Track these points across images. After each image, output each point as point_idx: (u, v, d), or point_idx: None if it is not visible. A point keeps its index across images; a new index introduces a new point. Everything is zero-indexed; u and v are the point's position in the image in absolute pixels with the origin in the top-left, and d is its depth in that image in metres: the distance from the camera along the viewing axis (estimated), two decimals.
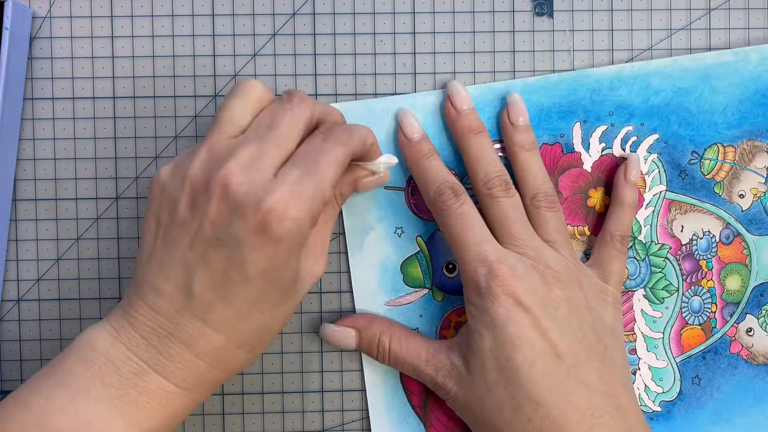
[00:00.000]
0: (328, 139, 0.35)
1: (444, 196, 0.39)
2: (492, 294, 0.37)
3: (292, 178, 0.33)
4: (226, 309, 0.33)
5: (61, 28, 0.42)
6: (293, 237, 0.32)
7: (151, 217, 0.34)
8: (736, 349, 0.44)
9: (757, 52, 0.43)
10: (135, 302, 0.34)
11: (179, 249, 0.33)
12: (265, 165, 0.33)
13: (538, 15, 0.43)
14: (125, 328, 0.34)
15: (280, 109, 0.35)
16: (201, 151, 0.34)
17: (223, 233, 0.32)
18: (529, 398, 0.36)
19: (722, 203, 0.44)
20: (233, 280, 0.33)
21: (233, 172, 0.32)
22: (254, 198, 0.32)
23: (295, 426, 0.43)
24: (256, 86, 0.35)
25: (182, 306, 0.33)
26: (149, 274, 0.34)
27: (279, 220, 0.32)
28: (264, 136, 0.34)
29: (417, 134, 0.41)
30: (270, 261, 0.32)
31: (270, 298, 0.34)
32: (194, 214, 0.33)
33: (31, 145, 0.42)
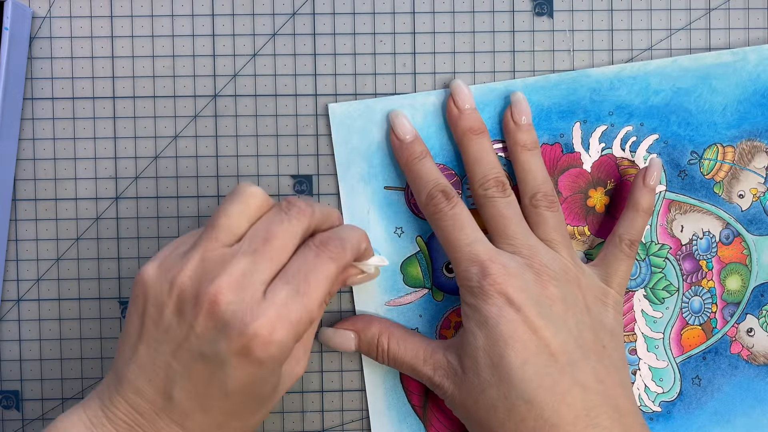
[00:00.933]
0: (321, 253, 0.34)
1: (435, 199, 0.39)
2: (484, 293, 0.37)
3: (280, 299, 0.32)
4: (204, 418, 0.33)
5: (61, 28, 0.42)
6: (276, 359, 0.33)
7: (135, 313, 0.34)
8: (737, 350, 0.44)
9: (756, 53, 0.43)
10: (114, 398, 0.33)
11: (162, 354, 0.33)
12: (256, 281, 0.32)
13: (538, 15, 0.43)
14: (102, 422, 0.33)
15: (276, 221, 0.34)
16: (193, 258, 0.33)
17: (207, 349, 0.32)
18: (522, 397, 0.36)
19: (722, 203, 0.44)
20: (213, 394, 0.33)
21: (223, 290, 0.32)
22: (241, 321, 0.31)
23: (295, 426, 0.43)
24: (257, 194, 0.34)
25: (161, 409, 0.33)
26: (130, 373, 0.33)
27: (263, 345, 0.32)
28: (258, 249, 0.33)
29: (409, 135, 0.41)
30: (251, 379, 0.33)
31: (247, 409, 0.34)
32: (180, 323, 0.32)
33: (31, 145, 0.42)
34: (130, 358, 0.33)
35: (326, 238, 0.35)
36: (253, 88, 0.42)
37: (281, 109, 0.42)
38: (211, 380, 0.33)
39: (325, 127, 0.43)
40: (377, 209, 0.43)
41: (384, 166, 0.42)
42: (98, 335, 0.43)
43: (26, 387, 0.43)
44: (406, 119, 0.41)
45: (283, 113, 0.42)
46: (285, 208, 0.35)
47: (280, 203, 0.35)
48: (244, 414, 0.34)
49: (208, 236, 0.34)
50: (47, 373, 0.43)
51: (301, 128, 0.43)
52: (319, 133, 0.43)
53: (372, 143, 0.42)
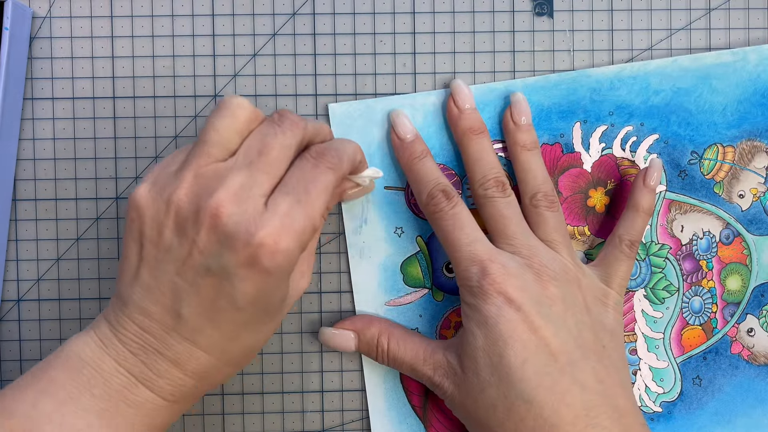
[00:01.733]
0: (319, 164, 0.34)
1: (436, 199, 0.39)
2: (483, 292, 0.37)
3: (283, 209, 0.32)
4: (215, 332, 0.33)
5: (61, 28, 0.42)
6: (283, 269, 0.32)
7: (132, 238, 0.33)
8: (737, 350, 0.44)
9: (756, 53, 0.43)
10: (122, 319, 0.33)
11: (166, 273, 0.33)
12: (255, 194, 0.32)
13: (538, 15, 0.43)
14: (113, 342, 0.33)
15: (270, 134, 0.34)
16: (187, 175, 0.33)
17: (212, 263, 0.32)
18: (521, 397, 0.36)
19: (722, 203, 0.44)
20: (222, 308, 0.33)
21: (223, 203, 0.32)
22: (245, 231, 0.31)
23: (295, 426, 0.43)
24: (244, 106, 0.34)
25: (171, 327, 0.33)
26: (135, 295, 0.33)
27: (270, 254, 0.31)
28: (254, 162, 0.33)
29: (410, 135, 0.41)
30: (259, 290, 0.33)
31: (258, 321, 0.34)
32: (181, 241, 0.32)
33: (31, 145, 0.42)
34: (134, 281, 0.33)
35: (323, 149, 0.35)
36: (253, 88, 0.42)
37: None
38: (219, 294, 0.32)
39: None
40: (377, 209, 0.43)
41: (384, 166, 0.42)
42: None
43: None
44: (406, 118, 0.41)
45: None
46: (277, 120, 0.34)
47: (271, 116, 0.35)
48: (254, 326, 0.34)
49: (199, 152, 0.33)
50: None
51: None
52: None
53: (372, 143, 0.42)
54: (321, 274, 0.43)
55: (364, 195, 0.42)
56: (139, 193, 0.33)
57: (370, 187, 0.40)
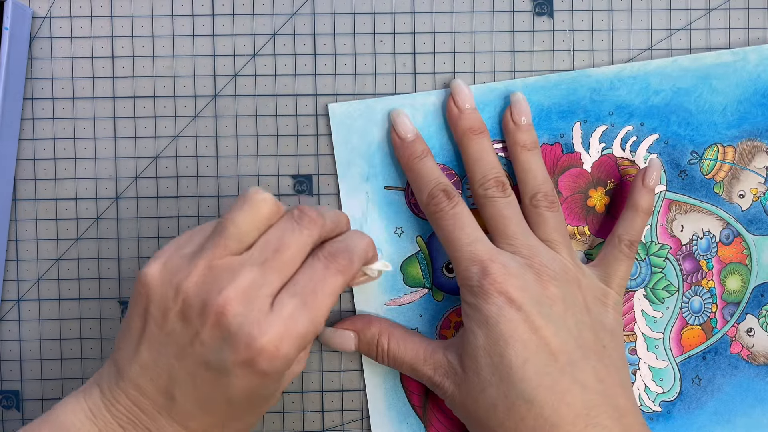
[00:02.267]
0: (330, 266, 0.34)
1: (436, 199, 0.39)
2: (484, 292, 0.37)
3: (287, 311, 0.32)
4: (206, 418, 0.34)
5: (61, 28, 0.42)
6: (281, 371, 0.33)
7: (137, 313, 0.34)
8: (737, 350, 0.44)
9: (756, 53, 0.43)
10: (115, 391, 0.33)
11: (165, 356, 0.33)
12: (263, 293, 0.32)
13: (538, 15, 0.43)
14: (102, 413, 0.33)
15: (288, 231, 0.34)
16: (199, 265, 0.33)
17: (212, 357, 0.32)
18: (522, 396, 0.36)
19: (722, 203, 0.44)
20: (215, 400, 0.33)
21: (231, 301, 0.32)
22: (248, 334, 0.31)
23: (295, 426, 0.43)
24: (268, 202, 0.34)
25: (163, 407, 0.33)
26: (132, 370, 0.33)
27: (269, 359, 0.32)
28: (268, 260, 0.33)
29: (410, 134, 0.41)
30: (254, 388, 0.33)
31: (249, 411, 0.35)
32: (185, 329, 0.32)
33: (31, 145, 0.42)
34: (132, 357, 0.33)
35: (335, 250, 0.35)
36: (253, 88, 0.42)
37: (281, 109, 0.42)
38: (214, 387, 0.33)
39: (325, 127, 0.43)
40: (377, 209, 0.43)
41: (384, 166, 0.42)
42: (98, 335, 0.43)
43: (26, 387, 0.43)
44: (407, 118, 0.41)
45: (283, 113, 0.42)
46: (297, 217, 0.34)
47: (291, 212, 0.34)
48: (244, 416, 0.35)
49: (215, 243, 0.33)
50: (47, 373, 0.43)
51: (301, 128, 0.43)
52: (319, 133, 0.43)
53: (372, 143, 0.42)
54: None
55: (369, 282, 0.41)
56: (149, 272, 0.33)
57: (377, 276, 0.40)
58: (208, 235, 0.34)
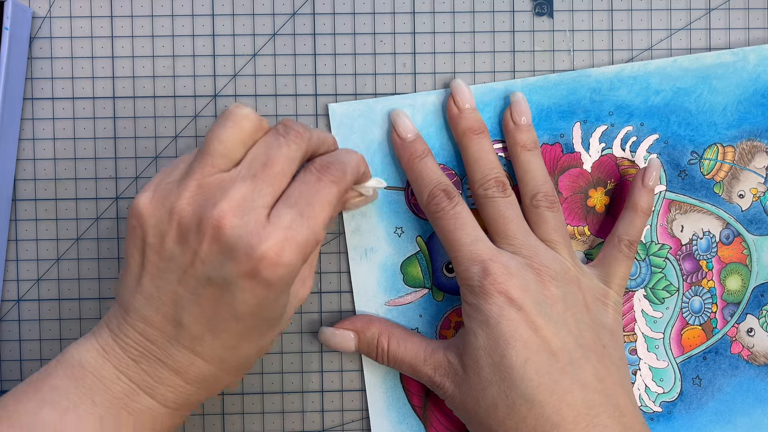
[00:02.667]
0: (323, 177, 0.34)
1: (437, 199, 0.39)
2: (485, 292, 0.37)
3: (285, 221, 0.32)
4: (216, 341, 0.33)
5: (61, 28, 0.42)
6: (285, 281, 0.32)
7: (134, 245, 0.34)
8: (737, 350, 0.44)
9: (756, 53, 0.43)
10: (123, 326, 0.33)
11: (168, 283, 0.33)
12: (258, 205, 0.32)
13: (538, 15, 0.43)
14: (114, 350, 0.33)
15: (275, 145, 0.34)
16: (189, 185, 0.33)
17: (213, 273, 0.32)
18: (523, 396, 0.36)
19: (722, 203, 0.44)
20: (223, 318, 0.33)
21: (226, 214, 0.31)
22: (247, 243, 0.31)
23: (295, 426, 0.43)
24: (250, 117, 0.34)
25: (171, 336, 0.33)
26: (136, 302, 0.33)
27: (271, 267, 0.31)
28: (258, 173, 0.33)
29: (410, 134, 0.41)
30: (260, 301, 0.33)
31: (257, 331, 0.34)
32: (184, 250, 0.32)
33: (31, 145, 0.42)
34: (135, 289, 0.33)
35: (326, 162, 0.35)
36: (253, 88, 0.42)
37: (281, 109, 0.42)
38: (219, 304, 0.32)
39: (325, 127, 0.43)
40: (377, 209, 0.43)
41: (384, 166, 0.42)
42: None
43: None
44: (407, 118, 0.41)
45: (283, 113, 0.42)
46: (282, 131, 0.34)
47: (276, 126, 0.34)
48: (254, 336, 0.34)
49: (202, 162, 0.33)
50: None
51: None
52: None
53: (372, 143, 0.42)
54: (321, 274, 0.43)
55: (366, 204, 0.42)
56: (140, 201, 0.33)
57: (374, 196, 0.40)
58: (194, 157, 0.34)
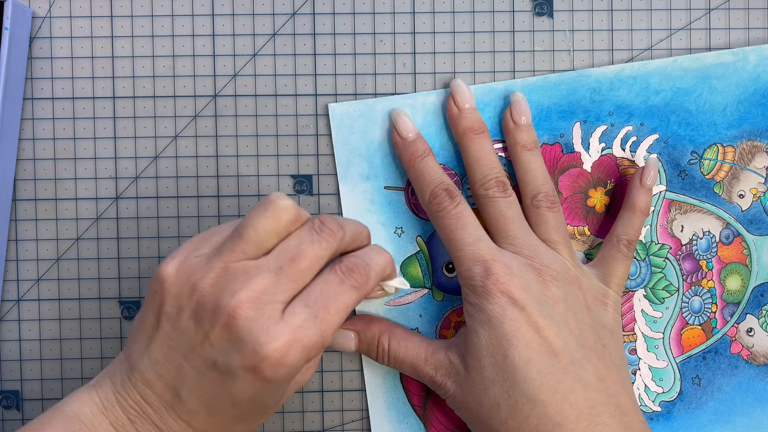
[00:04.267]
0: (345, 281, 0.34)
1: (439, 198, 0.39)
2: (487, 292, 0.37)
3: (298, 321, 0.32)
4: (210, 419, 0.34)
5: (61, 28, 0.42)
6: (285, 379, 0.33)
7: (151, 308, 0.34)
8: (737, 350, 0.44)
9: (756, 53, 0.43)
10: (125, 384, 0.34)
11: (175, 354, 0.33)
12: (276, 300, 0.32)
13: (538, 15, 0.43)
14: (113, 406, 0.34)
15: (307, 241, 0.33)
16: (216, 266, 0.33)
17: (219, 359, 0.32)
18: (525, 396, 0.36)
19: (722, 203, 0.44)
20: (220, 401, 0.33)
21: (243, 304, 0.32)
22: (256, 340, 0.31)
23: (295, 426, 0.43)
24: (289, 210, 0.34)
25: (169, 404, 0.33)
26: (142, 364, 0.33)
27: (273, 366, 0.32)
28: (284, 268, 0.33)
29: (411, 134, 0.41)
30: (258, 393, 0.33)
31: (252, 415, 0.35)
32: (197, 329, 0.33)
33: (31, 145, 0.42)
34: (144, 351, 0.34)
35: (353, 265, 0.34)
36: (253, 88, 0.42)
37: (281, 109, 0.42)
38: (219, 388, 0.33)
39: (325, 127, 0.43)
40: (377, 209, 0.43)
41: (384, 166, 0.42)
42: (98, 335, 0.43)
43: (26, 387, 0.43)
44: (408, 118, 0.41)
45: (283, 113, 0.42)
46: (317, 228, 0.34)
47: (312, 221, 0.34)
48: (248, 418, 0.35)
49: (233, 247, 0.33)
50: (47, 373, 0.43)
51: (301, 128, 0.43)
52: (319, 133, 0.43)
53: (372, 143, 0.42)
54: None
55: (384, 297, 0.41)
56: (166, 270, 0.33)
57: (394, 293, 0.40)
58: (227, 237, 0.34)
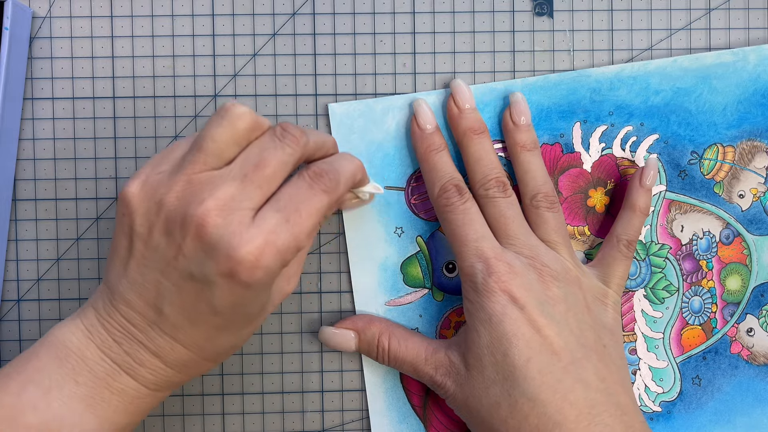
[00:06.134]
0: (314, 185, 0.34)
1: (448, 193, 0.39)
2: (488, 290, 0.37)
3: (269, 226, 0.32)
4: (194, 331, 0.34)
5: (61, 28, 0.42)
6: (262, 283, 0.32)
7: (121, 231, 0.34)
8: (737, 350, 0.44)
9: (756, 53, 0.43)
10: (108, 308, 0.34)
11: (152, 271, 0.33)
12: (244, 206, 0.32)
13: (538, 15, 0.43)
14: (98, 331, 0.34)
15: (270, 147, 0.33)
16: (179, 180, 0.33)
17: (195, 269, 0.32)
18: (525, 395, 0.36)
19: (722, 203, 0.44)
20: (202, 311, 0.33)
21: (210, 212, 0.31)
22: (228, 245, 0.31)
23: (295, 426, 0.43)
24: (244, 117, 0.33)
25: (153, 321, 0.34)
26: (121, 286, 0.34)
27: (249, 270, 0.31)
28: (249, 174, 0.33)
29: (430, 125, 0.41)
30: (237, 300, 0.33)
31: (236, 325, 0.35)
32: (169, 243, 0.32)
33: (31, 145, 0.42)
34: (122, 274, 0.34)
35: (321, 170, 0.34)
36: (253, 88, 0.42)
37: (281, 109, 0.42)
38: (199, 298, 0.33)
39: (325, 127, 0.43)
40: (377, 209, 0.43)
41: (384, 166, 0.42)
42: None
43: None
44: (429, 109, 0.41)
45: (283, 113, 0.42)
46: (279, 134, 0.34)
47: (274, 128, 0.34)
48: (232, 329, 0.35)
49: (194, 159, 0.33)
50: None
51: None
52: None
53: (372, 143, 0.42)
54: (321, 274, 0.43)
55: (361, 206, 0.42)
56: (130, 190, 0.33)
57: (369, 199, 0.40)
58: (186, 152, 0.34)
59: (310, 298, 0.43)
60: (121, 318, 0.34)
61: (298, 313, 0.43)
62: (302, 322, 0.43)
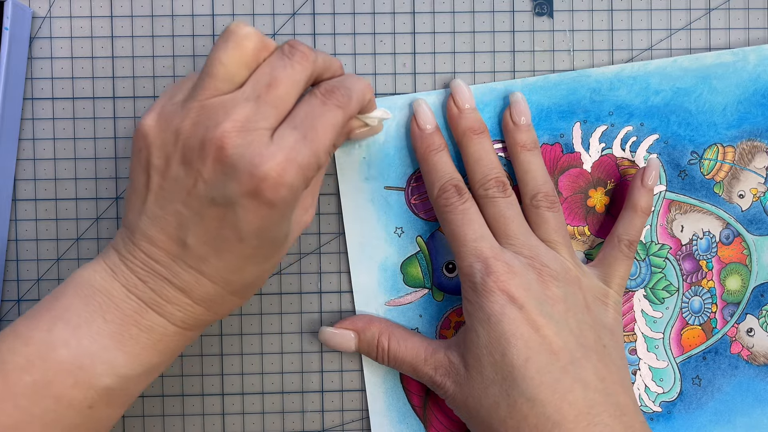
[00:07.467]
0: (328, 101, 0.34)
1: (447, 193, 0.39)
2: (487, 290, 0.37)
3: (289, 143, 0.32)
4: (220, 262, 0.34)
5: (61, 28, 0.42)
6: (287, 202, 0.32)
7: (139, 166, 0.34)
8: (737, 350, 0.44)
9: (756, 53, 0.43)
10: (130, 247, 0.34)
11: (172, 204, 0.33)
12: (261, 126, 0.32)
13: (538, 15, 0.43)
14: (122, 270, 0.34)
15: (280, 66, 0.33)
16: (193, 106, 0.33)
17: (217, 194, 0.32)
18: (524, 395, 0.36)
19: (722, 203, 0.44)
20: (226, 238, 0.33)
21: (229, 134, 0.31)
22: (250, 163, 0.31)
23: (295, 426, 0.43)
24: (252, 37, 0.33)
25: (176, 255, 0.33)
26: (142, 223, 0.33)
27: (274, 187, 0.31)
28: (262, 95, 0.33)
29: (430, 125, 0.41)
30: (263, 222, 0.33)
31: (260, 254, 0.34)
32: (188, 172, 0.32)
33: (31, 145, 0.42)
34: (141, 210, 0.34)
35: (332, 86, 0.34)
36: None
37: None
38: (223, 224, 0.32)
39: None
40: (377, 209, 0.43)
41: (384, 166, 0.42)
42: None
43: None
44: (429, 109, 0.41)
45: None
46: (288, 52, 0.34)
47: (282, 47, 0.34)
48: (258, 258, 0.34)
49: (205, 85, 0.33)
50: None
51: None
52: None
53: (372, 143, 0.42)
54: (321, 274, 0.43)
55: (372, 135, 0.41)
56: (146, 123, 0.33)
57: (378, 127, 0.40)
58: (197, 79, 0.34)
59: (310, 298, 0.43)
60: (143, 255, 0.33)
61: (298, 313, 0.43)
62: (302, 322, 0.43)
